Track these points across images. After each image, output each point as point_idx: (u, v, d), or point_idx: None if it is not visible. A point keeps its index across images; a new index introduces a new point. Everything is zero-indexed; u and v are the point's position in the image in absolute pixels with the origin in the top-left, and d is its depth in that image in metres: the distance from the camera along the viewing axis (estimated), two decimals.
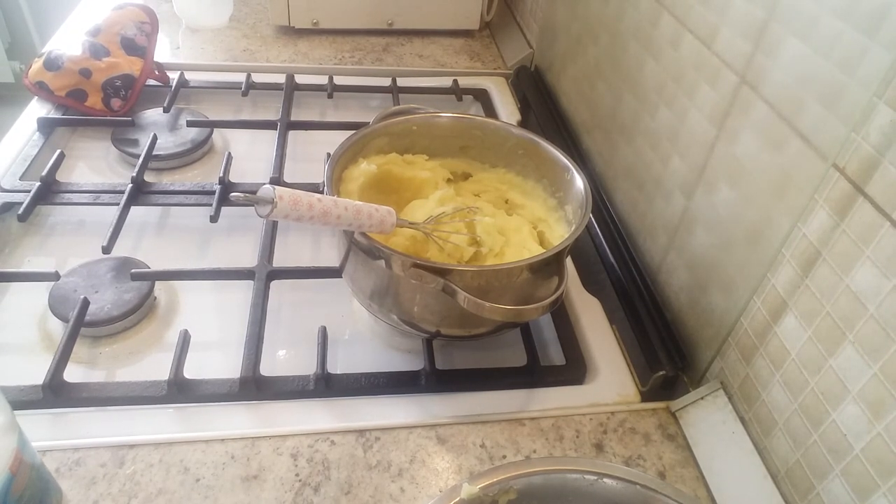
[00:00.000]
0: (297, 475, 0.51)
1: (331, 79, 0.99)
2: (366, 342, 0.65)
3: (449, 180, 0.70)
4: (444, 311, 0.55)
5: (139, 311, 0.64)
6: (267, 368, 0.58)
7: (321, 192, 0.50)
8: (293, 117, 0.91)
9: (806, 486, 0.47)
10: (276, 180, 0.79)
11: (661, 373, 0.59)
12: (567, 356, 0.63)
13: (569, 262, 0.68)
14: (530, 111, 0.99)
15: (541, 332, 0.67)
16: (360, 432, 0.54)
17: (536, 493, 0.45)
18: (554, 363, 0.64)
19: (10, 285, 0.66)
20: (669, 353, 0.61)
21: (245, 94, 0.95)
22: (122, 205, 0.71)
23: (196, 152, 0.86)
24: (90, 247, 0.67)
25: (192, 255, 0.73)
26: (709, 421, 0.56)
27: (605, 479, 0.45)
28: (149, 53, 0.93)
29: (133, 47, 0.91)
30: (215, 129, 0.90)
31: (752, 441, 0.52)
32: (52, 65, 0.86)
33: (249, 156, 0.87)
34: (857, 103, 0.42)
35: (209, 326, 0.65)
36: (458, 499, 0.43)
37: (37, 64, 0.88)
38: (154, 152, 0.81)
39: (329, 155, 0.61)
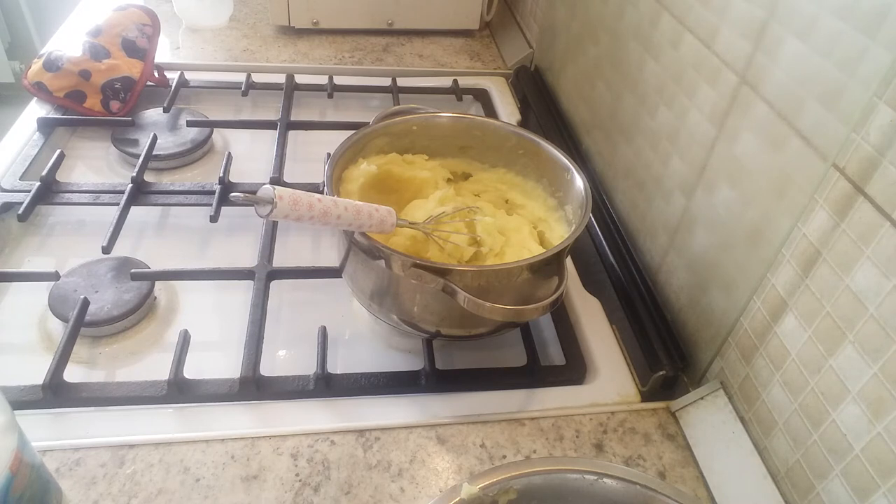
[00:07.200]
0: (297, 475, 0.51)
1: (331, 79, 0.99)
2: (366, 342, 0.65)
3: (449, 180, 0.70)
4: (444, 311, 0.55)
5: (139, 311, 0.64)
6: (267, 368, 0.58)
7: (321, 192, 0.50)
8: (293, 117, 0.91)
9: (806, 486, 0.47)
10: (276, 180, 0.79)
11: (661, 373, 0.59)
12: (567, 356, 0.63)
13: (569, 262, 0.68)
14: (530, 111, 0.99)
15: (541, 332, 0.67)
16: (360, 432, 0.54)
17: (536, 493, 0.45)
18: (554, 363, 0.64)
19: (10, 285, 0.66)
20: (669, 353, 0.61)
21: (245, 94, 0.95)
22: (122, 205, 0.71)
23: (196, 152, 0.86)
24: (90, 247, 0.67)
25: (192, 255, 0.73)
26: (709, 421, 0.56)
27: (605, 479, 0.45)
28: (149, 56, 0.93)
29: (134, 49, 0.91)
30: (215, 129, 0.90)
31: (752, 441, 0.52)
32: (51, 66, 0.86)
33: (249, 156, 0.87)
34: (857, 103, 0.42)
35: (209, 326, 0.65)
36: (458, 499, 0.43)
37: (36, 65, 0.88)
38: (154, 152, 0.81)
39: (329, 155, 0.61)
